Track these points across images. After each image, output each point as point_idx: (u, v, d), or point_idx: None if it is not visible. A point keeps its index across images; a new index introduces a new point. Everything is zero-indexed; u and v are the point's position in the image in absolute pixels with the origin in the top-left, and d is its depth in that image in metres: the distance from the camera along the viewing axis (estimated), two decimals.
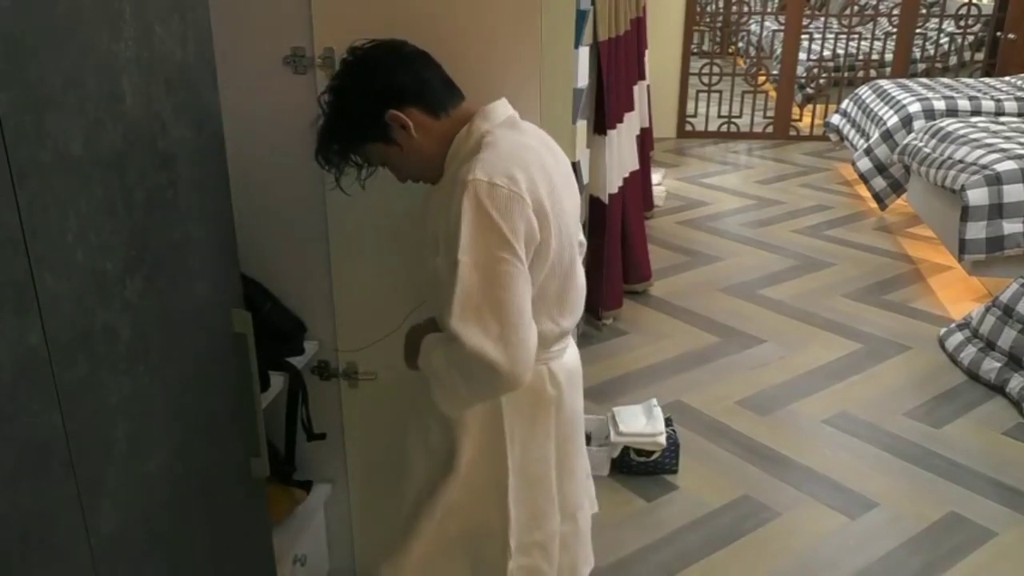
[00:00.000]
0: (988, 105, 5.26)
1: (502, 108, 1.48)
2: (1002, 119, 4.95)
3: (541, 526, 1.58)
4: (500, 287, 1.30)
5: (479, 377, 1.33)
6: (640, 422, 2.83)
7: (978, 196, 3.95)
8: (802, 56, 7.32)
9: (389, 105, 1.43)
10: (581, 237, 1.74)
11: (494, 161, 1.35)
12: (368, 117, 1.44)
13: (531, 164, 1.39)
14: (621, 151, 3.83)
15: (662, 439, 2.76)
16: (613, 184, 3.70)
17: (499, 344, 1.29)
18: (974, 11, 7.29)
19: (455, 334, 1.29)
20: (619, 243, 3.85)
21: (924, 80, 6.03)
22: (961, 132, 4.54)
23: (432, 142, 1.46)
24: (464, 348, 1.29)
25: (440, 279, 1.39)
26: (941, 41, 7.53)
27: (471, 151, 1.41)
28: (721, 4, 9.00)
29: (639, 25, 4.48)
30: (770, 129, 7.32)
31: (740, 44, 8.81)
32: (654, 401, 2.94)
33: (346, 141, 1.49)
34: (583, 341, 3.64)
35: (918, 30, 7.34)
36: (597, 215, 3.66)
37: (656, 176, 5.63)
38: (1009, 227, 3.94)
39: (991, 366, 3.34)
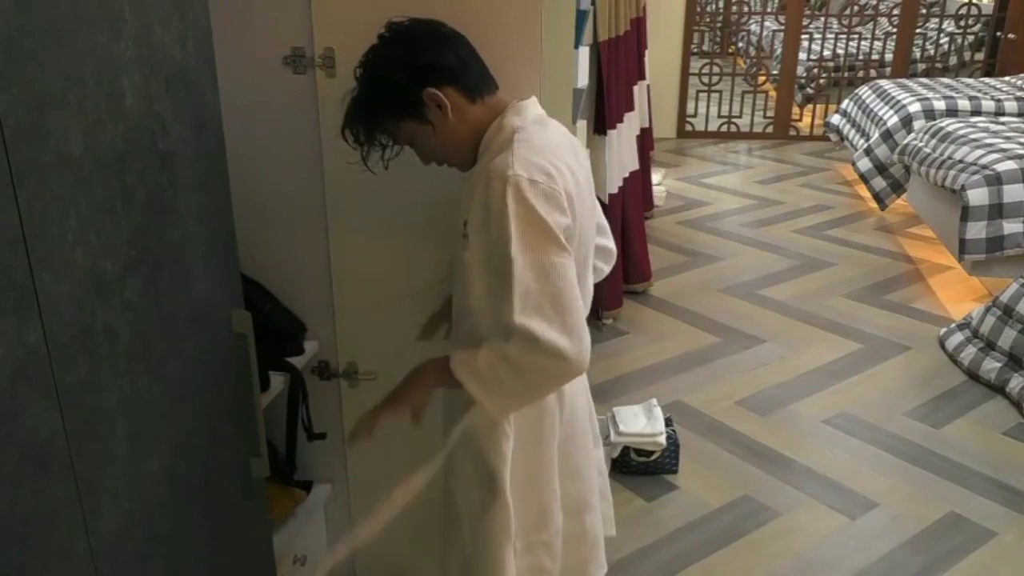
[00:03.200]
0: (988, 105, 5.26)
1: (532, 106, 1.48)
2: (1002, 119, 4.95)
3: (546, 526, 1.58)
4: (557, 279, 1.32)
5: (545, 369, 1.33)
6: (640, 422, 2.83)
7: (978, 196, 3.95)
8: (802, 56, 7.32)
9: (428, 82, 1.41)
10: (609, 244, 1.73)
11: (529, 157, 1.36)
12: (405, 92, 1.42)
13: (560, 161, 1.40)
14: (621, 151, 3.83)
15: (662, 439, 2.76)
16: (613, 184, 3.70)
17: (564, 333, 1.31)
18: (974, 11, 7.29)
19: (521, 329, 1.30)
20: (619, 243, 3.85)
21: (924, 80, 6.03)
22: (961, 132, 4.54)
23: (465, 126, 1.45)
24: (537, 341, 1.29)
25: (468, 271, 1.40)
26: (941, 41, 7.53)
27: (503, 144, 1.41)
28: (721, 4, 9.00)
29: (639, 25, 4.48)
30: (770, 129, 7.32)
31: (740, 44, 8.81)
32: (654, 401, 2.94)
33: (378, 116, 1.46)
34: None
35: (918, 30, 7.34)
36: None
37: (656, 176, 5.63)
38: (1009, 227, 3.94)
39: (991, 366, 3.34)
